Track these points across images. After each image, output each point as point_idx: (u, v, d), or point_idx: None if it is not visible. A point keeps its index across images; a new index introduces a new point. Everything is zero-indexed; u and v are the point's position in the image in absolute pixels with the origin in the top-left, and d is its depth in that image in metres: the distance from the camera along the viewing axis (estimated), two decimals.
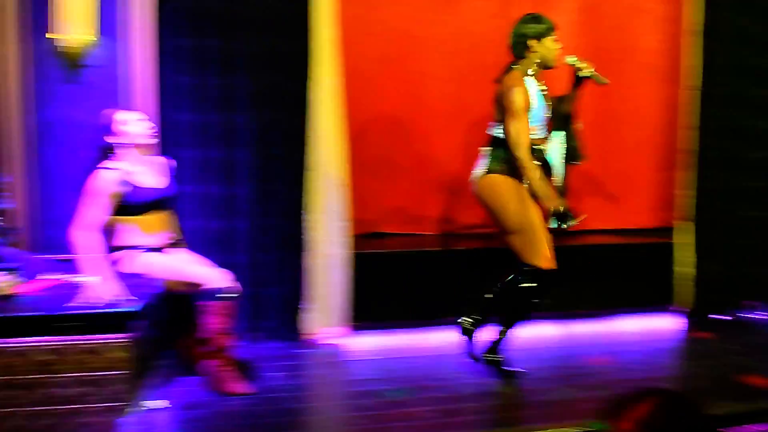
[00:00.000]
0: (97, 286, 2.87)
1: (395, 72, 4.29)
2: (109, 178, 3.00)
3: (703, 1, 4.08)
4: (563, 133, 3.42)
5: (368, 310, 3.93)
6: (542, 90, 3.25)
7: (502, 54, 4.20)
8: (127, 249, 3.09)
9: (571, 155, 3.45)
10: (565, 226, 3.05)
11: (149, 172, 3.16)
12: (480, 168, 3.28)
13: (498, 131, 3.24)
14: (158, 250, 3.14)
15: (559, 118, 3.39)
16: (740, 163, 4.24)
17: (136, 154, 3.12)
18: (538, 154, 3.21)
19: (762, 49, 4.20)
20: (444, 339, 3.83)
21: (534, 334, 3.96)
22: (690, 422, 1.11)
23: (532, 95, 3.17)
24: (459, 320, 3.35)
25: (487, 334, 3.33)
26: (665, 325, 4.29)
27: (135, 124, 3.11)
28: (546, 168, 3.31)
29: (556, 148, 3.42)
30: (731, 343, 3.92)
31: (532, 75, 3.21)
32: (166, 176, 3.25)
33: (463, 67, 4.30)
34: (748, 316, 4.34)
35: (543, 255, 3.20)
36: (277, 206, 3.73)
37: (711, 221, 4.26)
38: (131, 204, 3.05)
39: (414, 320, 4.01)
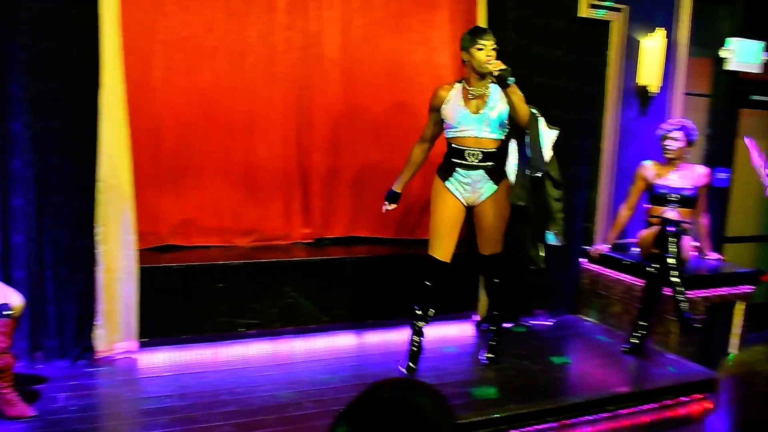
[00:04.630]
0: None
1: (183, 82, 4.71)
2: None
3: (486, 21, 4.89)
4: (515, 141, 4.25)
5: (159, 326, 4.34)
6: (472, 96, 4.05)
7: (291, 65, 4.86)
8: None
9: (528, 165, 4.17)
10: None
11: None
12: None
13: None
14: None
15: (514, 128, 4.17)
16: None
17: None
18: (470, 155, 4.07)
19: (539, 68, 5.10)
20: (236, 353, 4.41)
21: (331, 345, 4.60)
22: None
23: (451, 99, 4.07)
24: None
25: None
26: (460, 332, 5.08)
27: None
28: (493, 171, 4.13)
29: (511, 157, 4.27)
30: (517, 348, 4.76)
31: (464, 82, 4.08)
32: None
33: (254, 79, 4.85)
34: (531, 322, 5.26)
35: (434, 246, 4.19)
36: (60, 219, 4.01)
37: None
38: None
39: (205, 334, 4.47)
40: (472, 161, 4.07)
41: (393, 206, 4.39)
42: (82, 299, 4.08)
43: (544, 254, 4.37)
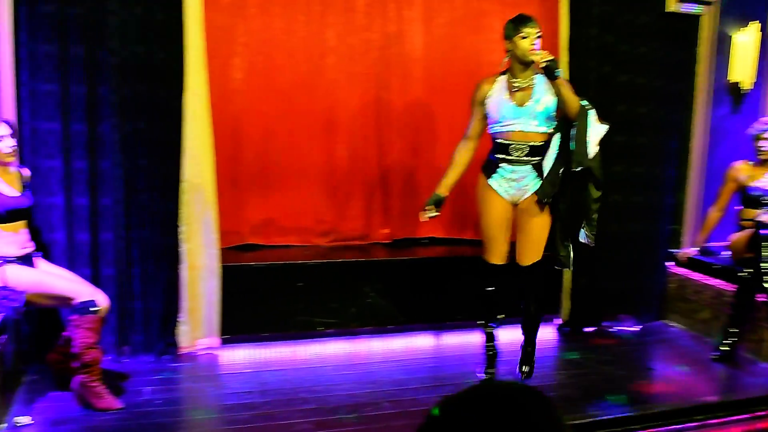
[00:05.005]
0: None
1: (264, 83, 4.83)
2: None
3: (568, 17, 4.82)
4: (559, 135, 3.91)
5: (240, 323, 4.46)
6: (517, 88, 3.83)
7: (370, 65, 4.94)
8: None
9: (571, 159, 3.86)
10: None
11: (5, 182, 3.47)
12: None
13: None
14: (21, 261, 3.42)
15: (561, 120, 3.90)
16: (605, 177, 4.92)
17: None
18: (516, 150, 3.85)
19: (625, 65, 4.97)
20: (314, 351, 4.48)
21: (409, 346, 4.60)
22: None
23: (495, 93, 3.87)
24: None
25: None
26: (541, 335, 4.95)
27: None
28: (540, 167, 3.90)
29: (550, 150, 3.93)
30: (599, 354, 4.66)
31: (507, 74, 3.87)
32: (22, 186, 3.58)
33: (334, 80, 4.95)
34: (615, 328, 5.13)
35: (487, 250, 4.02)
36: (146, 218, 4.15)
37: None
38: None
39: (284, 332, 4.56)
40: (518, 156, 3.85)
41: (437, 213, 4.01)
42: (167, 296, 4.22)
43: (573, 255, 4.11)
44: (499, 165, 3.91)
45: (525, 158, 3.87)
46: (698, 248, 5.15)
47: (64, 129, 3.92)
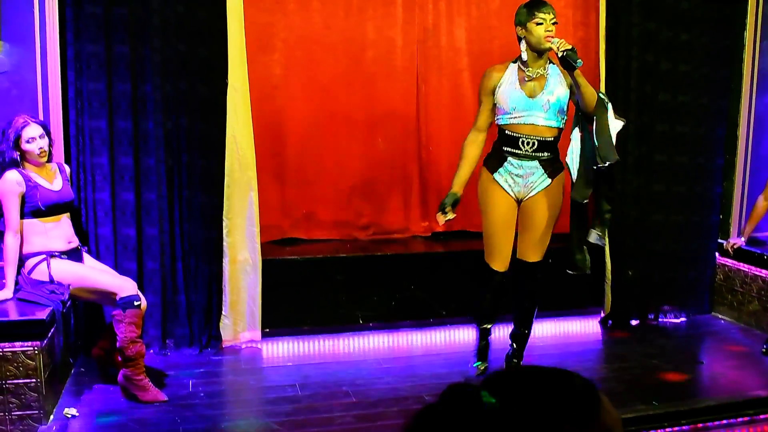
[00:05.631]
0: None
1: (304, 78, 4.84)
2: (13, 180, 3.35)
3: (608, 5, 4.70)
4: (577, 129, 3.82)
5: (281, 316, 4.47)
6: (528, 77, 3.63)
7: (409, 58, 4.90)
8: (36, 255, 3.43)
9: (596, 155, 3.68)
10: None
11: (46, 177, 3.55)
12: None
13: None
14: (68, 256, 3.48)
15: (579, 114, 3.79)
16: (647, 167, 4.88)
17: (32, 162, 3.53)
18: (524, 144, 3.65)
19: (667, 53, 4.85)
20: (355, 345, 4.50)
21: (449, 339, 4.57)
22: None
23: (505, 81, 3.66)
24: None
25: None
26: (584, 328, 4.92)
27: (29, 142, 3.46)
28: (548, 163, 3.72)
29: (573, 146, 3.82)
30: (644, 347, 4.56)
31: (519, 62, 3.67)
32: (63, 181, 3.66)
33: (373, 73, 4.93)
34: (660, 319, 5.03)
35: (490, 254, 3.83)
36: (189, 213, 4.20)
37: (624, 226, 4.88)
38: (32, 208, 3.40)
39: (325, 326, 4.57)
40: (526, 150, 3.64)
41: (454, 215, 3.79)
42: (210, 290, 4.26)
43: (589, 258, 3.94)
44: (507, 159, 3.71)
45: (533, 154, 3.67)
46: (746, 238, 5.01)
47: (110, 126, 3.99)
